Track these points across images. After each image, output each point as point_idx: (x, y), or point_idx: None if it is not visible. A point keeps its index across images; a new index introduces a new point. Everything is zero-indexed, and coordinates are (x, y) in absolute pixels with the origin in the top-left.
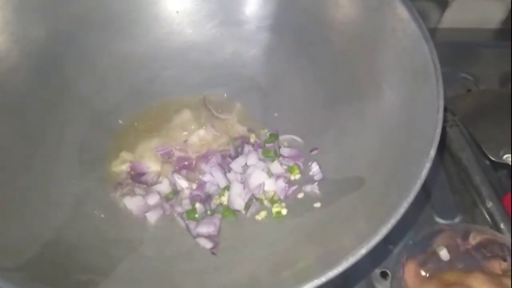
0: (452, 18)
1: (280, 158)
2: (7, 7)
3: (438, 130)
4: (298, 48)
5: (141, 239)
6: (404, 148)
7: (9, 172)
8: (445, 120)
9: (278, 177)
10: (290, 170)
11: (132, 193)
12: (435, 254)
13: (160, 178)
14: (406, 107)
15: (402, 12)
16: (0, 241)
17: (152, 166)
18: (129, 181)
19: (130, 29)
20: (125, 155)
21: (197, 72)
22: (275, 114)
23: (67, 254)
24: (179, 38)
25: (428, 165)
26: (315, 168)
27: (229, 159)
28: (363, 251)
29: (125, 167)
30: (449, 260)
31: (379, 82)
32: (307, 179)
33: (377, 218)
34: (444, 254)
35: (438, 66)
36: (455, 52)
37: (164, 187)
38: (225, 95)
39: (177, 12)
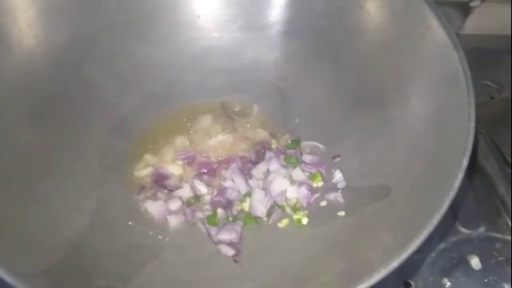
0: (475, 24)
1: (302, 165)
2: (31, 11)
3: (470, 140)
4: (321, 53)
5: (162, 245)
6: (433, 157)
7: (32, 176)
8: None
9: (300, 184)
10: (312, 177)
11: (154, 197)
12: (465, 263)
13: (182, 183)
14: (434, 115)
15: (430, 18)
16: (24, 246)
17: (174, 170)
18: (152, 185)
19: (151, 33)
20: (148, 159)
21: (217, 77)
22: (296, 120)
23: (89, 259)
24: (200, 42)
25: (461, 175)
26: (338, 175)
27: (250, 164)
28: (390, 267)
29: (148, 171)
30: (480, 270)
31: (404, 89)
32: (330, 186)
33: (404, 230)
34: (475, 263)
35: (468, 74)
36: (477, 59)
37: (185, 192)
38: (246, 100)
39: (199, 16)
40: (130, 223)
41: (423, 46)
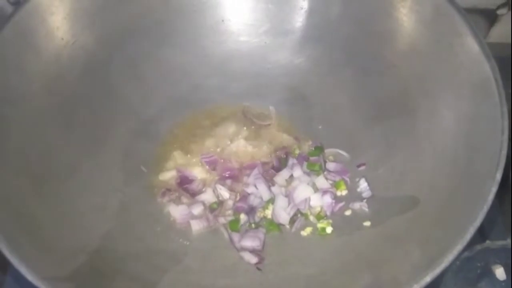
0: (501, 32)
1: (325, 173)
2: (58, 13)
3: (504, 152)
4: (345, 59)
5: (185, 251)
6: (464, 169)
7: (57, 178)
8: None
9: (324, 192)
10: (336, 185)
11: (178, 201)
12: (489, 273)
13: (205, 187)
14: (464, 126)
15: (460, 26)
16: (50, 249)
17: (197, 174)
18: (176, 188)
19: (175, 36)
20: (172, 161)
21: (240, 81)
22: (320, 126)
23: (113, 263)
24: (223, 46)
25: (494, 189)
26: (363, 184)
27: (272, 171)
28: (423, 282)
29: (172, 174)
30: (505, 280)
31: (432, 98)
32: (354, 195)
33: (434, 244)
34: (500, 273)
35: (500, 84)
36: (503, 68)
37: (208, 196)
38: (268, 105)
39: (223, 21)
40: (153, 227)
41: (452, 54)
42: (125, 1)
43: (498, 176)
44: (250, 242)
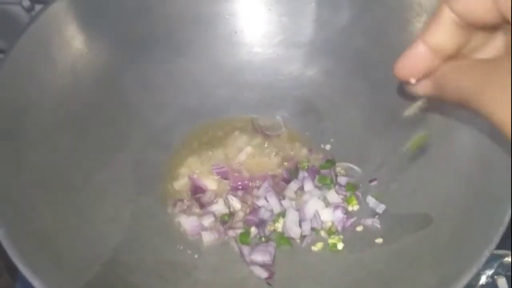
0: None
1: (337, 187)
2: (73, 23)
3: None
4: (358, 72)
5: (195, 263)
6: (480, 187)
7: (69, 188)
8: None
9: (336, 207)
10: (347, 200)
11: (189, 212)
12: (491, 282)
13: (216, 199)
14: (480, 143)
15: None
16: (63, 261)
17: (209, 184)
18: (189, 197)
19: (188, 47)
20: (183, 172)
21: (251, 92)
22: (331, 139)
23: (124, 276)
24: (236, 57)
25: (510, 211)
26: (372, 201)
27: (283, 183)
28: None
29: (185, 182)
30: None
31: (447, 113)
32: (366, 211)
33: (448, 265)
34: (502, 283)
35: None
36: None
37: (219, 207)
38: (279, 117)
39: (236, 32)
40: (164, 238)
41: None
42: (139, 11)
43: None
44: (260, 256)
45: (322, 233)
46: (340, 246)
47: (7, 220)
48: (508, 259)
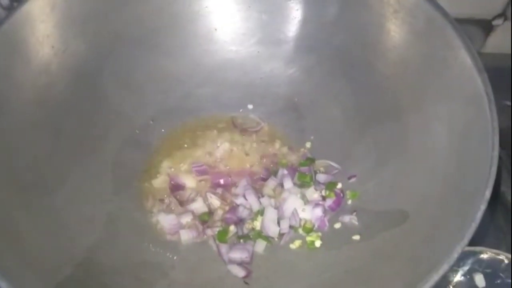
0: (496, 43)
1: (316, 185)
2: (49, 21)
3: (494, 169)
4: (338, 70)
5: (172, 263)
6: (454, 185)
7: (44, 188)
8: None
9: (316, 205)
10: (326, 195)
11: (168, 210)
12: (469, 278)
13: (196, 197)
14: (455, 140)
15: (453, 39)
16: (34, 262)
17: (188, 182)
18: (168, 195)
19: (168, 45)
20: (163, 170)
21: (233, 91)
22: (311, 137)
23: (98, 277)
24: (216, 55)
25: (483, 207)
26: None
27: (261, 181)
28: None
29: (164, 180)
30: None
31: (424, 111)
32: (344, 208)
33: (423, 261)
34: (479, 280)
35: (492, 99)
36: (498, 78)
37: (198, 205)
38: (260, 114)
39: (216, 29)
40: (140, 239)
41: (445, 67)
42: (117, 8)
43: (488, 193)
44: (239, 254)
45: (300, 231)
46: (317, 244)
47: None
48: (484, 255)
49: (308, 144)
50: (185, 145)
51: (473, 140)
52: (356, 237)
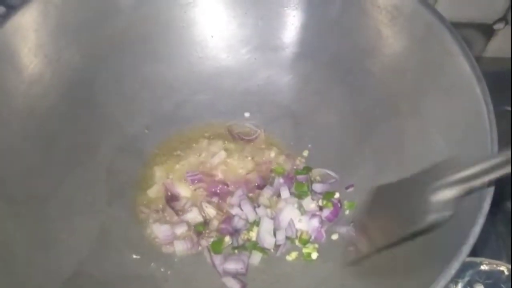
0: (498, 47)
1: (312, 195)
2: (42, 30)
3: (492, 184)
4: (335, 77)
5: (165, 276)
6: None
7: (36, 200)
8: None
9: (312, 216)
10: (324, 204)
11: (162, 221)
12: None
13: (190, 207)
14: (453, 149)
15: (451, 46)
16: (23, 277)
17: (183, 191)
18: (163, 204)
19: (163, 52)
20: (157, 179)
21: (229, 98)
22: (309, 145)
23: None
24: (212, 62)
25: (481, 221)
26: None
27: (257, 190)
28: None
29: (158, 190)
30: None
31: (422, 118)
32: (341, 218)
33: (420, 274)
34: None
35: (491, 109)
36: (499, 82)
37: (193, 215)
38: (257, 122)
39: (212, 36)
40: (133, 250)
41: (443, 74)
42: (111, 15)
43: (486, 207)
44: (233, 265)
45: (297, 242)
46: (314, 256)
47: None
48: (485, 266)
49: (305, 153)
50: (181, 154)
51: (471, 149)
52: (353, 249)
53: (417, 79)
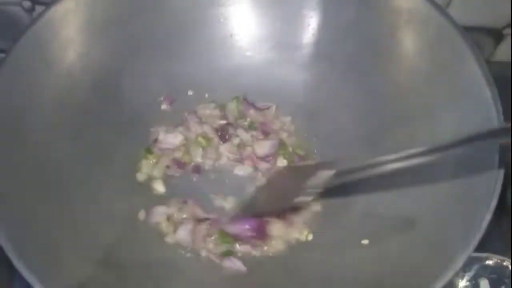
0: (506, 52)
1: None
2: (72, 26)
3: (499, 185)
4: (350, 77)
5: (187, 262)
6: (461, 195)
7: (65, 188)
8: None
9: None
10: None
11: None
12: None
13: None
14: (464, 152)
15: (463, 49)
16: (58, 259)
17: None
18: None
19: (185, 50)
20: None
21: (246, 95)
22: (320, 145)
23: (117, 275)
24: (230, 61)
25: (488, 217)
26: None
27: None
28: None
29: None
30: None
31: (434, 121)
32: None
33: (429, 267)
34: (485, 285)
35: (501, 117)
36: (507, 87)
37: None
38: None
39: (231, 35)
40: (156, 237)
41: (455, 79)
42: (136, 14)
43: (493, 204)
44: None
45: None
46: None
47: (8, 223)
48: (490, 261)
49: (316, 151)
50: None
51: (480, 153)
52: (365, 242)
53: (429, 81)
